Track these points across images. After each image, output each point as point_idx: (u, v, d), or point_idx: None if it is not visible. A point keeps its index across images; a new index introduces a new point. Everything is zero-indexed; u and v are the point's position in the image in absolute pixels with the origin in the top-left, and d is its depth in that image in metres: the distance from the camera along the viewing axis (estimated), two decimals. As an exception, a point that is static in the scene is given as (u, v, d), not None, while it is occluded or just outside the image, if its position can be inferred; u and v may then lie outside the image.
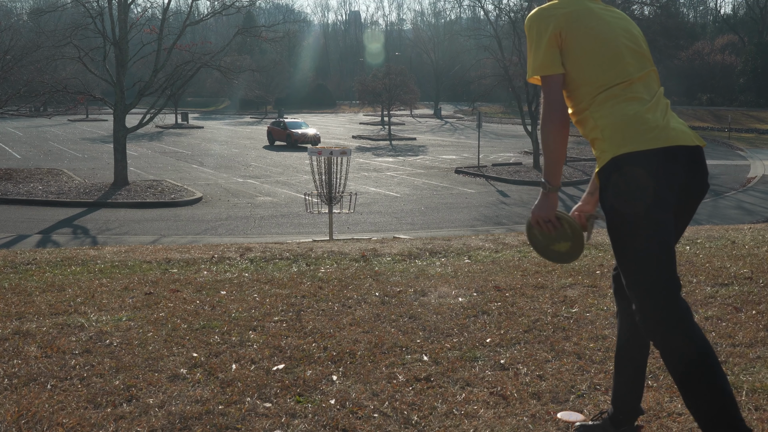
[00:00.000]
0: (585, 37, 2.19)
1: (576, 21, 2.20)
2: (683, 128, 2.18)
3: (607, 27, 2.22)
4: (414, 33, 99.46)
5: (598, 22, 2.22)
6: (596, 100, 2.17)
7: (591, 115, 2.18)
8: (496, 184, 25.37)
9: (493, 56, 32.92)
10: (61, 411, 2.62)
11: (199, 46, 27.59)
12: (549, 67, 2.20)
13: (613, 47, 2.19)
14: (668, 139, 2.09)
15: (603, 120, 2.15)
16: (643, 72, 2.22)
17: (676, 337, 2.05)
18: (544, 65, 2.20)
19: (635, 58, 2.22)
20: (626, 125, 2.11)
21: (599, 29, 2.21)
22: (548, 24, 2.21)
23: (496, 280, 4.81)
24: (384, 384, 2.90)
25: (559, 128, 2.18)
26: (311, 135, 37.68)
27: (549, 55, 2.20)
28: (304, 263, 5.75)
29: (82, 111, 57.98)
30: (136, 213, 19.23)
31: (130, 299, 4.37)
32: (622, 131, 2.11)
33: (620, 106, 2.14)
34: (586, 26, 2.20)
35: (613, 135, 2.12)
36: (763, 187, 25.42)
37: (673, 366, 2.08)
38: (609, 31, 2.22)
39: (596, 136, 2.17)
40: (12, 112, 26.75)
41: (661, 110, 2.17)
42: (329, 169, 13.58)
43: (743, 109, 57.01)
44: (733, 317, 3.73)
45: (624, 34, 2.24)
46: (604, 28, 2.21)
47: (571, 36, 2.19)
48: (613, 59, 2.18)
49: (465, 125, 58.04)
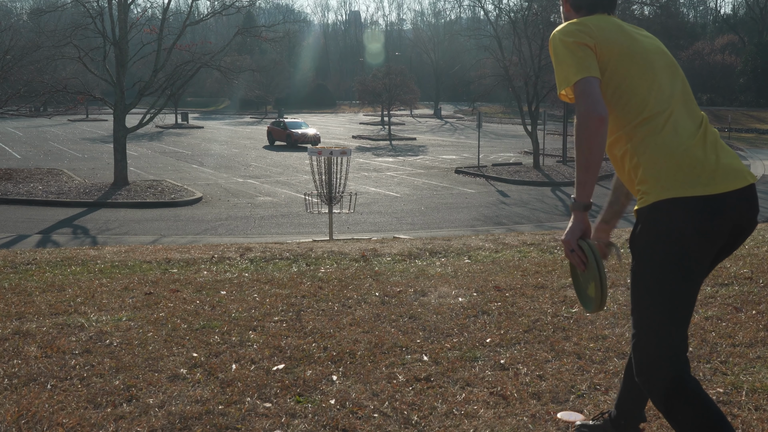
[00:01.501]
0: (620, 55, 2.00)
1: (607, 33, 2.02)
2: (735, 164, 1.96)
3: (641, 47, 2.04)
4: (414, 33, 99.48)
5: (632, 41, 2.04)
6: (636, 130, 1.96)
7: (631, 146, 1.98)
8: (496, 184, 25.37)
9: (493, 56, 32.91)
10: (61, 411, 2.62)
11: (199, 46, 27.59)
12: (587, 69, 1.96)
13: (651, 68, 2.01)
14: (719, 184, 1.89)
15: (646, 155, 1.94)
16: (683, 95, 2.03)
17: (679, 405, 1.91)
18: (581, 68, 1.95)
19: (674, 80, 2.03)
20: (675, 165, 1.91)
21: (635, 49, 2.02)
22: (581, 35, 2.01)
23: (496, 280, 4.81)
24: (384, 384, 2.90)
25: (598, 128, 1.90)
26: (311, 135, 37.67)
27: (585, 60, 1.97)
28: (304, 263, 5.75)
29: (82, 111, 57.97)
30: (136, 213, 19.22)
31: (130, 299, 4.37)
32: (669, 172, 1.91)
33: (666, 138, 1.93)
34: (620, 44, 2.01)
35: (658, 175, 1.91)
36: (763, 187, 25.41)
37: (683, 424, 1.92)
38: (644, 52, 2.03)
39: (637, 174, 1.97)
40: (12, 112, 26.74)
41: (711, 143, 1.97)
42: (329, 169, 13.58)
43: (743, 109, 57.02)
44: (733, 317, 3.73)
45: (659, 54, 2.07)
46: (639, 48, 2.03)
47: (606, 51, 2.00)
48: (652, 83, 1.99)
49: (465, 125, 58.03)
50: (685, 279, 1.91)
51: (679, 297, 1.91)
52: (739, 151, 36.04)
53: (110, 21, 23.42)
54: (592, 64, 1.97)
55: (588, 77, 1.94)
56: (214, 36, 77.79)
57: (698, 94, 61.33)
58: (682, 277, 1.90)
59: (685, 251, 1.89)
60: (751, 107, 57.17)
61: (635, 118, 1.97)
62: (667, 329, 1.93)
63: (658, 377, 1.94)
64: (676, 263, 1.89)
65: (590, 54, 1.99)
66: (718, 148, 1.97)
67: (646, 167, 1.94)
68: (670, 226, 1.89)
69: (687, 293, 1.92)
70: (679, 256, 1.89)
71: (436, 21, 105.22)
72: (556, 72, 2.03)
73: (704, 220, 1.88)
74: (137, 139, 39.76)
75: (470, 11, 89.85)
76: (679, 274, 1.90)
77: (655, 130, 1.95)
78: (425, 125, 58.41)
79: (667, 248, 1.90)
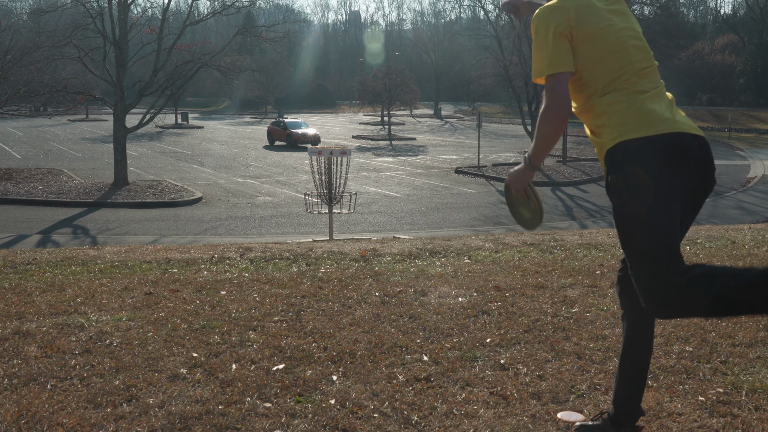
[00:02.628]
0: (592, 35, 2.18)
1: (583, 16, 2.19)
2: (688, 122, 2.18)
3: (611, 25, 2.21)
4: (414, 33, 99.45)
5: (601, 19, 2.21)
6: (604, 91, 2.18)
7: (598, 102, 2.18)
8: (496, 184, 25.37)
9: (493, 56, 32.95)
10: (61, 411, 2.62)
11: (199, 46, 27.62)
12: (559, 64, 2.17)
13: (621, 45, 2.20)
14: (675, 126, 2.10)
15: (611, 107, 2.16)
16: (648, 68, 2.23)
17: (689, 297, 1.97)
18: (553, 63, 2.17)
19: (641, 54, 2.23)
20: (635, 112, 2.12)
21: (605, 27, 2.20)
22: (557, 20, 2.18)
23: (496, 280, 4.81)
24: (384, 384, 2.90)
25: (560, 123, 2.19)
26: (311, 135, 37.68)
27: (558, 52, 2.17)
28: (304, 263, 5.75)
29: (82, 111, 57.99)
30: (136, 213, 19.23)
31: (130, 299, 4.37)
32: (631, 117, 2.12)
33: (628, 96, 2.16)
34: (593, 24, 2.19)
35: (621, 120, 2.12)
36: (763, 187, 25.42)
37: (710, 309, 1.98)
38: (614, 31, 2.21)
39: (603, 123, 2.17)
40: (12, 112, 26.75)
41: (666, 103, 2.19)
42: (329, 169, 13.58)
43: (743, 109, 57.01)
44: (733, 317, 3.73)
45: (628, 31, 2.24)
46: (608, 26, 2.21)
47: (579, 32, 2.18)
48: (621, 57, 2.19)
49: (465, 125, 58.03)
50: (666, 213, 2.03)
51: (664, 231, 2.02)
52: (738, 151, 36.03)
53: (110, 21, 23.43)
54: (566, 57, 2.17)
55: (559, 74, 2.16)
56: (214, 36, 77.80)
57: (698, 94, 61.36)
58: (663, 210, 2.02)
59: (657, 186, 2.02)
60: (751, 107, 57.16)
61: (603, 85, 2.18)
62: (655, 255, 2.02)
63: (659, 303, 2.01)
64: (653, 199, 2.02)
65: (566, 46, 2.18)
66: (673, 109, 2.20)
67: (610, 115, 2.15)
68: (637, 165, 2.05)
69: (669, 231, 2.02)
70: (654, 192, 2.02)
71: (436, 21, 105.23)
72: (533, 56, 2.24)
73: (668, 153, 2.05)
74: (137, 139, 39.77)
75: (470, 11, 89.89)
76: (659, 209, 2.02)
77: (619, 89, 2.16)
78: (425, 125, 58.41)
79: (640, 185, 2.04)
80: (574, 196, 22.28)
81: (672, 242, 2.04)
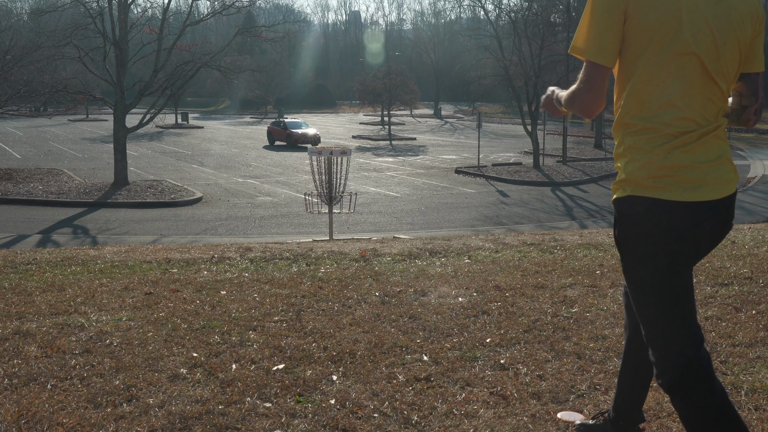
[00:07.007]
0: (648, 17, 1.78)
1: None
2: (726, 176, 1.87)
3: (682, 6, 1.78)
4: (414, 33, 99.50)
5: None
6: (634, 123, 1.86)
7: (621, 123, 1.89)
8: (496, 184, 25.36)
9: (493, 56, 32.91)
10: (61, 411, 2.62)
11: (199, 46, 27.61)
12: (595, 53, 1.82)
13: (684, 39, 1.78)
14: (703, 194, 1.81)
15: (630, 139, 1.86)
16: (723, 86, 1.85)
17: (695, 396, 1.87)
18: (589, 48, 1.83)
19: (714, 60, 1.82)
20: (661, 162, 1.81)
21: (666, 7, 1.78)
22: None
23: (496, 280, 4.81)
24: (384, 384, 2.90)
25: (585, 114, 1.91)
26: (311, 135, 37.67)
27: (601, 38, 1.81)
28: (304, 263, 5.75)
29: (82, 111, 57.98)
30: (136, 213, 19.22)
31: (130, 299, 4.37)
32: (652, 165, 1.82)
33: (659, 136, 1.82)
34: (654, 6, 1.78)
35: (639, 168, 1.83)
36: (763, 187, 25.42)
37: (689, 420, 1.89)
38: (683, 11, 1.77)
39: (619, 153, 1.91)
40: (12, 112, 26.76)
41: (712, 147, 1.85)
42: (329, 169, 13.58)
43: (743, 109, 56.95)
44: (733, 317, 3.74)
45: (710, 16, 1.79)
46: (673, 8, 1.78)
47: (635, 12, 1.79)
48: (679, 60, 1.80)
49: (465, 125, 58.02)
50: (666, 278, 1.86)
51: (670, 292, 1.86)
52: (739, 151, 36.03)
53: (110, 21, 23.42)
54: (608, 46, 1.82)
55: (601, 66, 1.83)
56: (214, 36, 77.72)
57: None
58: (668, 273, 1.85)
59: (663, 255, 1.85)
60: (751, 107, 57.08)
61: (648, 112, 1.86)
62: (666, 325, 1.88)
63: (666, 374, 1.90)
64: (656, 263, 1.85)
65: (615, 31, 1.81)
66: (717, 163, 1.86)
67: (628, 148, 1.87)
68: (645, 228, 1.85)
69: (676, 290, 1.87)
70: (658, 257, 1.85)
71: (436, 21, 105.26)
72: (579, 26, 1.88)
73: (685, 223, 1.82)
74: (137, 139, 39.76)
75: (470, 11, 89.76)
76: (660, 276, 1.86)
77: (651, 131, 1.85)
78: (425, 125, 58.40)
79: (644, 250, 1.86)
80: (574, 196, 22.27)
81: (681, 313, 1.87)
